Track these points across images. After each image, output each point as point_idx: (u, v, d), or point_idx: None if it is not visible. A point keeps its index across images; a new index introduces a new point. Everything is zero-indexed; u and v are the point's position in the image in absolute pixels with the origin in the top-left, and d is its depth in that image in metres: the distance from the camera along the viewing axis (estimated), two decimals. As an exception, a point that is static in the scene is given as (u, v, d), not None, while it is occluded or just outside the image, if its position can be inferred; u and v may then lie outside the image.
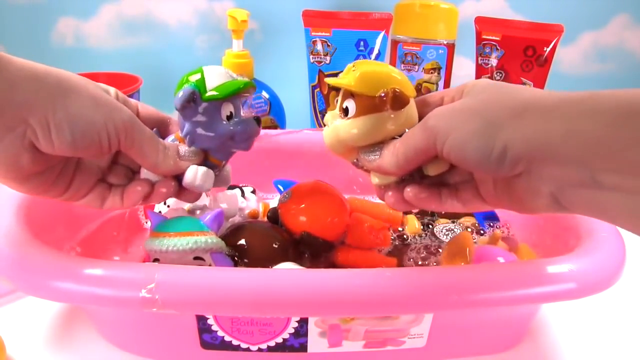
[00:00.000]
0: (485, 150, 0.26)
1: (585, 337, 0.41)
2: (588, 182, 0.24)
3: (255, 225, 0.41)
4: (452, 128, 0.28)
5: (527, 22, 0.65)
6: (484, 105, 0.28)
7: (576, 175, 0.24)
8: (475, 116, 0.27)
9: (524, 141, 0.26)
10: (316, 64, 0.67)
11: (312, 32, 0.66)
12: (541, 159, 0.25)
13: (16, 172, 0.29)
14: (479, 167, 0.27)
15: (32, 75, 0.29)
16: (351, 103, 0.32)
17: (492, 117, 0.27)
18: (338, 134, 0.33)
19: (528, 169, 0.26)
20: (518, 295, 0.32)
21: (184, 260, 0.34)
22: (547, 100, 0.26)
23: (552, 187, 0.26)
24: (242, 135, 0.35)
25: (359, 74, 0.32)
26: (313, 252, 0.41)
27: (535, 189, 0.27)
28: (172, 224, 0.35)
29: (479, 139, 0.27)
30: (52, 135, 0.29)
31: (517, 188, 0.28)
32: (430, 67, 0.67)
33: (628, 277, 0.35)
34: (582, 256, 0.34)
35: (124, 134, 0.31)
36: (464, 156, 0.27)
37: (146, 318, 0.35)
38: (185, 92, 0.33)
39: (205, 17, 0.78)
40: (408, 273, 0.33)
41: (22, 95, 0.28)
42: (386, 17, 0.65)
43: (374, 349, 0.36)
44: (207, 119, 0.34)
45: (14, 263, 0.32)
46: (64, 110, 0.29)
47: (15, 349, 0.37)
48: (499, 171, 0.27)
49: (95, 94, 0.31)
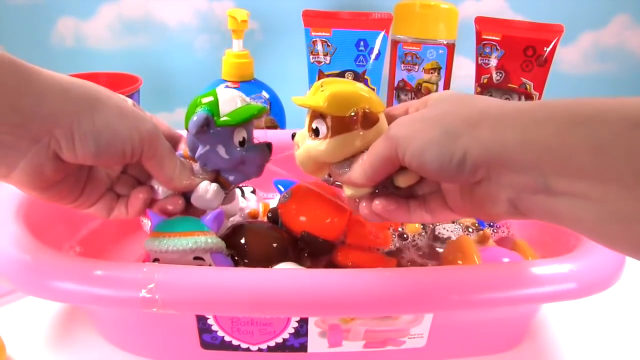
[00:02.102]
0: (444, 157, 0.27)
1: (585, 337, 0.41)
2: (542, 189, 0.25)
3: (255, 225, 0.41)
4: (412, 137, 0.28)
5: (527, 22, 0.65)
6: (442, 115, 0.29)
7: (531, 182, 0.25)
8: (434, 125, 0.28)
9: (482, 149, 0.26)
10: (316, 64, 0.67)
11: (312, 32, 0.66)
12: (498, 166, 0.26)
13: (40, 182, 0.30)
14: (440, 174, 0.28)
15: (59, 87, 0.29)
16: (321, 124, 0.33)
17: (450, 126, 0.28)
18: (310, 154, 0.33)
19: (488, 176, 0.27)
20: (518, 295, 0.32)
21: (184, 260, 0.34)
22: (502, 109, 0.27)
23: (510, 194, 0.27)
24: (254, 161, 0.36)
25: (329, 94, 0.32)
26: (313, 252, 0.41)
27: (494, 195, 0.27)
28: (172, 224, 0.35)
29: (437, 146, 0.27)
30: (77, 146, 0.29)
31: (478, 195, 0.28)
32: (430, 67, 0.67)
33: (628, 277, 0.35)
34: (582, 256, 0.34)
35: (148, 144, 0.32)
36: (424, 163, 0.28)
37: (146, 318, 0.35)
38: (199, 117, 0.33)
39: (205, 17, 0.78)
40: (408, 273, 0.33)
41: (49, 108, 0.28)
42: (386, 17, 0.65)
43: (374, 349, 0.36)
44: (220, 143, 0.35)
45: (14, 263, 0.32)
46: (90, 122, 0.29)
47: (15, 349, 0.37)
48: (460, 178, 0.27)
49: (120, 104, 0.32)
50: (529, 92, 0.64)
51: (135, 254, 0.45)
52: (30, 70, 0.28)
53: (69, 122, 0.29)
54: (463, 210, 0.31)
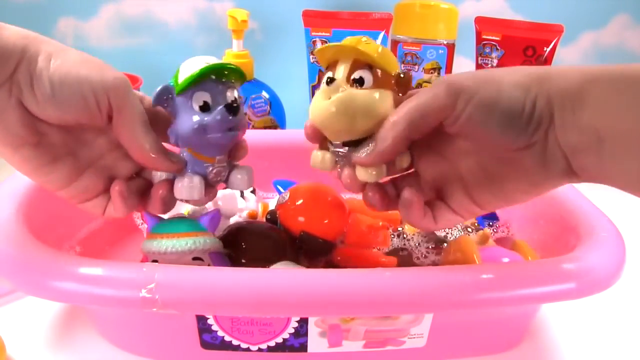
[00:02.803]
0: (517, 107, 0.27)
1: (586, 337, 0.41)
2: (596, 147, 0.26)
3: (253, 225, 0.42)
4: (480, 86, 0.27)
5: (527, 22, 0.65)
6: (506, 72, 0.28)
7: (587, 140, 0.26)
8: (502, 78, 0.28)
9: (548, 102, 0.27)
10: (316, 64, 0.67)
11: (312, 32, 0.66)
12: (559, 125, 0.27)
13: (8, 135, 0.29)
14: (506, 129, 0.27)
15: (23, 36, 0.29)
16: (367, 74, 0.31)
17: (518, 80, 0.27)
18: (355, 101, 0.30)
19: (545, 136, 0.27)
20: (518, 295, 0.32)
21: (182, 261, 0.34)
22: (563, 69, 0.27)
23: (566, 152, 0.27)
24: (215, 126, 0.32)
25: (380, 48, 0.31)
26: (312, 252, 0.41)
27: (550, 156, 0.27)
28: (169, 225, 0.35)
29: (508, 97, 0.27)
30: (34, 86, 0.28)
31: (527, 162, 0.28)
32: (430, 67, 0.67)
33: (628, 277, 0.35)
34: (582, 256, 0.34)
35: (114, 92, 0.30)
36: (492, 115, 0.27)
37: (146, 318, 0.35)
38: (158, 88, 0.32)
39: (205, 17, 0.78)
40: (408, 273, 0.33)
41: (10, 53, 0.28)
42: (386, 17, 0.65)
43: (374, 349, 0.36)
44: (181, 112, 0.32)
45: (14, 263, 0.32)
46: (47, 62, 0.29)
47: (15, 349, 0.37)
48: (523, 136, 0.27)
49: (87, 55, 0.30)
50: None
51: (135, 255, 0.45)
52: None
53: (28, 65, 0.28)
54: (489, 198, 0.31)
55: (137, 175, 0.35)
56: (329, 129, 0.32)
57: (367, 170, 0.31)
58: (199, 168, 0.34)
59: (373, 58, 0.31)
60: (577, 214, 0.40)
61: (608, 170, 0.26)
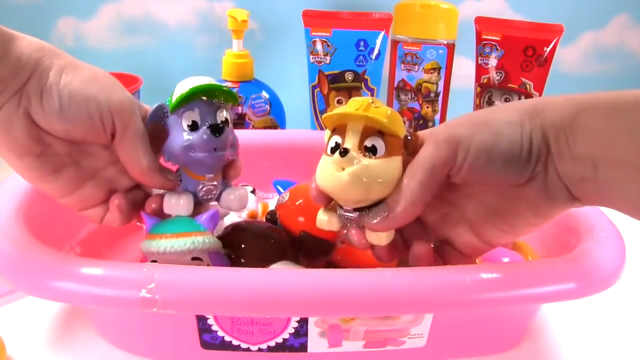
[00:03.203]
0: (515, 146, 0.27)
1: (586, 337, 0.41)
2: (592, 174, 0.26)
3: (253, 225, 0.42)
4: (474, 133, 0.28)
5: (527, 22, 0.65)
6: (494, 111, 0.29)
7: (583, 168, 0.26)
8: (493, 120, 0.28)
9: (543, 135, 0.27)
10: (316, 64, 0.67)
11: (312, 32, 0.66)
12: (556, 155, 0.27)
13: (12, 143, 0.29)
14: (507, 168, 0.27)
15: (38, 48, 0.29)
16: (379, 142, 0.30)
17: (509, 117, 0.28)
18: (369, 174, 0.30)
19: (545, 168, 0.28)
20: (518, 295, 0.32)
21: (181, 261, 0.34)
22: (552, 99, 0.28)
23: (567, 182, 0.27)
24: (199, 144, 0.32)
25: (390, 111, 0.30)
26: (312, 252, 0.41)
27: (552, 185, 0.28)
28: (167, 225, 0.35)
29: (506, 137, 0.27)
30: (43, 100, 0.29)
31: (528, 196, 0.29)
32: (430, 67, 0.67)
33: (628, 277, 0.35)
34: (582, 256, 0.34)
35: (118, 115, 0.30)
36: (492, 158, 0.27)
37: (146, 318, 0.35)
38: (153, 107, 0.33)
39: (205, 17, 0.78)
40: (408, 273, 0.33)
41: (24, 65, 0.28)
42: (386, 17, 0.65)
43: (374, 349, 0.36)
44: (172, 130, 0.33)
45: (14, 263, 0.32)
46: (58, 78, 0.29)
47: (15, 349, 0.37)
48: (524, 172, 0.28)
49: (99, 71, 0.31)
50: (528, 92, 0.64)
51: (134, 255, 0.45)
52: (9, 33, 0.29)
53: (40, 78, 0.29)
54: (497, 235, 0.31)
55: (136, 187, 0.36)
56: (342, 198, 0.31)
57: (378, 235, 0.32)
58: (191, 185, 0.35)
59: (384, 124, 0.30)
60: (577, 214, 0.40)
61: (607, 196, 0.27)
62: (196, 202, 0.35)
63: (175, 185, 0.35)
